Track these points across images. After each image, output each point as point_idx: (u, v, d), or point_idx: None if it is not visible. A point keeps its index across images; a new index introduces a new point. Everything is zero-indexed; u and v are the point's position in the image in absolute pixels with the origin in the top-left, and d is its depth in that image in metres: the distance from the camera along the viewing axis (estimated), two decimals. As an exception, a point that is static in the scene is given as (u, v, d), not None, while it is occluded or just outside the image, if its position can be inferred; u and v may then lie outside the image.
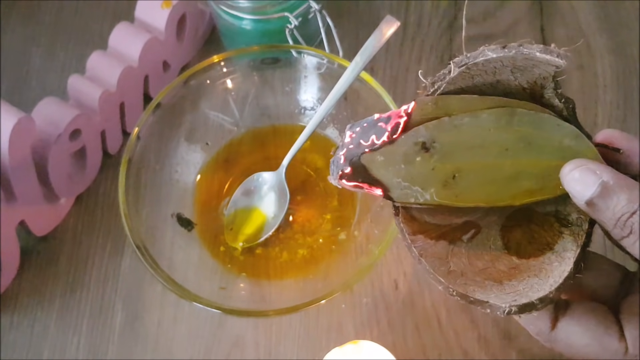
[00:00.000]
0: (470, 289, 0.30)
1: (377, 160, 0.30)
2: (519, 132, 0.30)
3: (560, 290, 0.29)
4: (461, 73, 0.30)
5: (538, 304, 0.28)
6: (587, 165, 0.28)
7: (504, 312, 0.28)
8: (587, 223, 0.30)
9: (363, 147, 0.30)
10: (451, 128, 0.30)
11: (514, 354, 0.46)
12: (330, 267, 0.48)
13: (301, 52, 0.51)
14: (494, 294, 0.30)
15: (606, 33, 0.59)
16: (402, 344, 0.46)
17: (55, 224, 0.51)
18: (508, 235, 0.32)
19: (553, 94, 0.30)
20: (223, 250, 0.49)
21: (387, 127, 0.30)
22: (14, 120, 0.43)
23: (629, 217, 0.27)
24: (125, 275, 0.50)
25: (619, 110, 0.55)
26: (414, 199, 0.30)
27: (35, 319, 0.49)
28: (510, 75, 0.30)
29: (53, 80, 0.58)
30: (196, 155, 0.52)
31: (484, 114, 0.30)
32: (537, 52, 0.28)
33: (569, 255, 0.30)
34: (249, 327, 0.48)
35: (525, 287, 0.30)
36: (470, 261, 0.31)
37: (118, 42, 0.52)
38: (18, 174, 0.45)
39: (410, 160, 0.30)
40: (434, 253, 0.31)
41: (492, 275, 0.31)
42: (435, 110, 0.30)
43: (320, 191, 0.51)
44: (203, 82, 0.51)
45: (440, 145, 0.30)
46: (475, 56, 0.29)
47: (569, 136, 0.30)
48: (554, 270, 0.30)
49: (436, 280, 0.30)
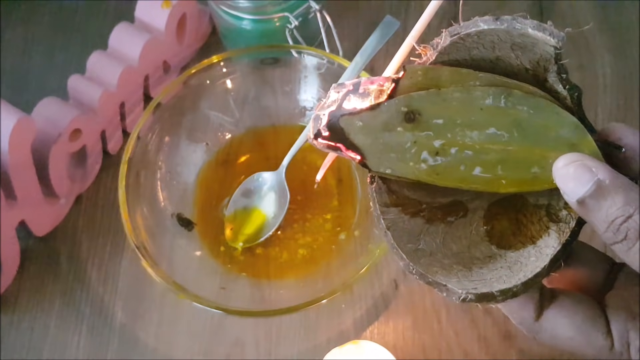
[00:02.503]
0: (433, 270, 0.29)
1: (355, 125, 0.28)
2: (513, 115, 0.28)
3: (527, 285, 0.27)
4: (455, 43, 0.28)
5: (498, 296, 0.27)
6: (583, 161, 0.26)
7: (459, 299, 0.27)
8: (574, 221, 0.28)
9: (344, 110, 0.28)
10: (439, 101, 0.28)
11: (514, 354, 0.46)
12: (330, 267, 0.48)
13: (301, 52, 0.51)
14: (457, 279, 0.28)
15: (606, 33, 0.59)
16: (402, 344, 0.46)
17: (55, 224, 0.51)
18: (493, 223, 0.30)
19: (557, 78, 0.28)
20: (223, 250, 0.49)
21: (372, 91, 0.28)
22: (14, 120, 0.43)
23: (624, 221, 0.25)
24: (125, 275, 0.50)
25: (619, 110, 0.55)
26: (390, 170, 0.29)
27: (35, 319, 0.49)
28: (510, 52, 0.28)
29: (53, 80, 0.58)
30: (196, 155, 0.52)
31: (477, 91, 0.28)
32: (530, 28, 0.27)
33: (548, 251, 0.28)
34: (249, 327, 0.48)
35: (492, 278, 0.28)
36: (444, 243, 0.30)
37: (118, 42, 0.52)
38: (18, 174, 0.45)
39: (391, 129, 0.28)
40: (406, 229, 0.30)
41: (463, 261, 0.29)
42: (425, 80, 0.28)
43: (320, 191, 0.51)
44: (203, 82, 0.51)
45: (425, 118, 0.28)
46: (467, 26, 0.28)
47: (568, 127, 0.28)
48: (528, 265, 0.28)
49: (398, 256, 0.29)
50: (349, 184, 0.52)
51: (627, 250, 0.25)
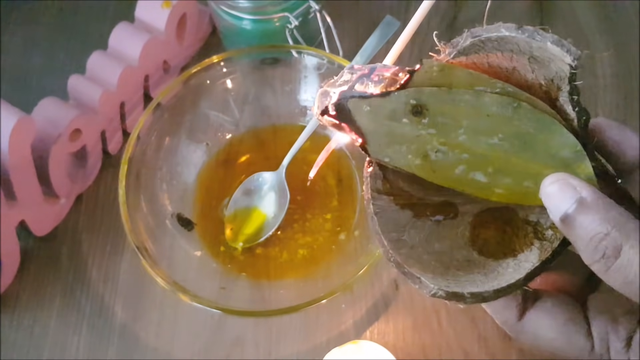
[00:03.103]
0: (410, 262, 0.29)
1: (363, 108, 0.28)
2: (517, 127, 0.28)
3: (498, 293, 0.28)
4: (474, 45, 0.28)
5: (468, 298, 0.27)
6: (567, 180, 0.26)
7: (430, 293, 0.28)
8: (558, 242, 0.28)
9: (355, 92, 0.28)
10: (449, 100, 0.28)
11: (514, 354, 0.46)
12: (330, 267, 0.48)
13: (301, 52, 0.51)
14: (432, 275, 0.29)
15: (606, 33, 0.59)
16: (402, 344, 0.46)
17: (55, 224, 0.51)
18: (479, 229, 0.31)
19: (568, 99, 0.28)
20: (223, 250, 0.49)
21: (385, 78, 0.29)
22: (14, 120, 0.43)
23: (602, 238, 0.25)
24: (125, 275, 0.50)
25: (619, 110, 0.55)
26: (389, 159, 0.29)
27: (35, 319, 0.49)
28: (527, 65, 0.28)
29: (53, 80, 0.58)
30: (196, 155, 0.52)
31: (487, 97, 0.28)
32: (549, 42, 0.27)
33: (527, 266, 0.28)
34: (249, 327, 0.48)
35: (467, 280, 0.29)
36: (428, 240, 0.30)
37: (118, 42, 0.52)
38: (18, 174, 0.45)
39: (396, 119, 0.28)
40: (393, 218, 0.30)
41: (442, 260, 0.30)
42: (439, 77, 0.28)
43: (320, 191, 0.51)
44: (203, 82, 0.51)
45: (432, 114, 0.28)
46: (489, 30, 0.28)
47: (569, 148, 0.28)
48: (505, 275, 0.28)
49: (380, 242, 0.29)
50: (349, 184, 0.52)
51: (605, 270, 0.25)
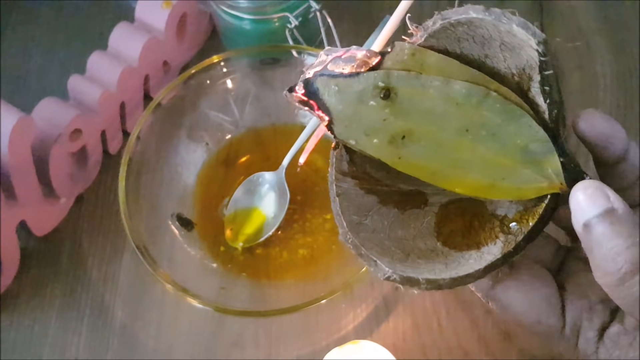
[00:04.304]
0: (369, 245, 0.28)
1: (331, 88, 0.28)
2: (485, 117, 0.27)
3: (455, 282, 0.27)
4: (445, 30, 0.28)
5: (423, 284, 0.27)
6: (602, 189, 0.26)
7: (384, 276, 0.27)
8: (522, 235, 0.28)
9: (325, 71, 0.28)
10: (418, 85, 0.28)
11: (514, 354, 0.46)
12: (330, 267, 0.48)
13: (301, 52, 0.51)
14: (390, 260, 0.28)
15: (606, 33, 0.59)
16: (402, 344, 0.46)
17: (55, 224, 0.51)
18: (446, 221, 0.30)
19: (539, 90, 0.27)
20: (223, 250, 0.49)
21: (357, 59, 0.28)
22: (14, 120, 0.43)
23: (622, 252, 0.25)
24: (125, 275, 0.50)
25: (619, 110, 0.55)
26: (354, 141, 0.28)
27: (35, 319, 0.49)
28: (499, 52, 0.28)
29: (53, 80, 0.58)
30: (196, 155, 0.52)
31: (457, 85, 0.27)
32: (514, 24, 0.27)
33: (488, 258, 0.28)
34: (249, 327, 0.48)
35: (425, 269, 0.28)
36: (391, 226, 0.30)
37: (118, 42, 0.52)
38: (18, 173, 0.45)
39: (364, 101, 0.28)
40: (357, 202, 0.30)
41: (403, 247, 0.29)
42: (410, 61, 0.28)
43: (320, 191, 0.51)
44: (203, 82, 0.51)
45: (400, 99, 0.28)
46: (458, 12, 0.28)
47: (537, 141, 0.27)
48: (465, 266, 0.28)
49: (339, 224, 0.29)
50: (349, 184, 0.52)
51: (618, 285, 0.25)
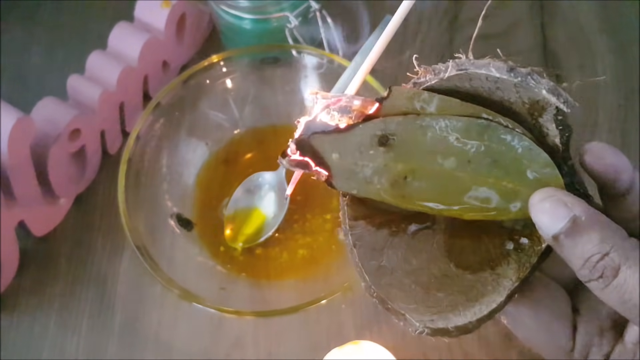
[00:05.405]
0: (393, 292, 0.29)
1: (327, 143, 0.28)
2: (487, 146, 0.28)
3: (481, 322, 0.27)
4: (459, 75, 0.28)
5: (453, 332, 0.27)
6: (558, 196, 0.26)
7: (416, 331, 0.28)
8: (536, 257, 0.28)
9: (318, 126, 0.28)
10: (417, 127, 0.28)
11: (514, 354, 0.46)
12: (330, 267, 0.48)
13: (301, 52, 0.51)
14: (415, 304, 0.28)
15: (606, 33, 0.59)
16: (402, 344, 0.46)
17: (55, 224, 0.51)
18: (455, 238, 0.30)
19: (552, 118, 0.27)
20: (223, 250, 0.49)
21: (353, 109, 0.28)
22: (14, 120, 0.43)
23: (600, 259, 0.24)
24: (125, 275, 0.50)
25: (619, 110, 0.55)
26: (357, 191, 0.29)
27: (35, 319, 0.48)
28: (512, 88, 0.28)
29: (53, 80, 0.58)
30: (196, 155, 0.52)
31: (455, 121, 0.28)
32: (544, 90, 0.26)
33: (505, 284, 0.28)
34: (249, 327, 0.48)
35: (449, 305, 0.28)
36: (405, 257, 0.30)
37: (118, 42, 0.52)
38: (17, 174, 0.45)
39: (363, 152, 0.28)
40: (371, 242, 0.30)
41: (421, 279, 0.29)
42: (408, 104, 0.28)
43: (320, 191, 0.51)
44: (203, 82, 0.51)
45: (399, 142, 0.28)
46: (478, 66, 0.27)
47: (539, 164, 0.27)
48: (484, 296, 0.28)
49: (361, 276, 0.29)
50: (349, 184, 0.52)
51: (602, 288, 0.25)
